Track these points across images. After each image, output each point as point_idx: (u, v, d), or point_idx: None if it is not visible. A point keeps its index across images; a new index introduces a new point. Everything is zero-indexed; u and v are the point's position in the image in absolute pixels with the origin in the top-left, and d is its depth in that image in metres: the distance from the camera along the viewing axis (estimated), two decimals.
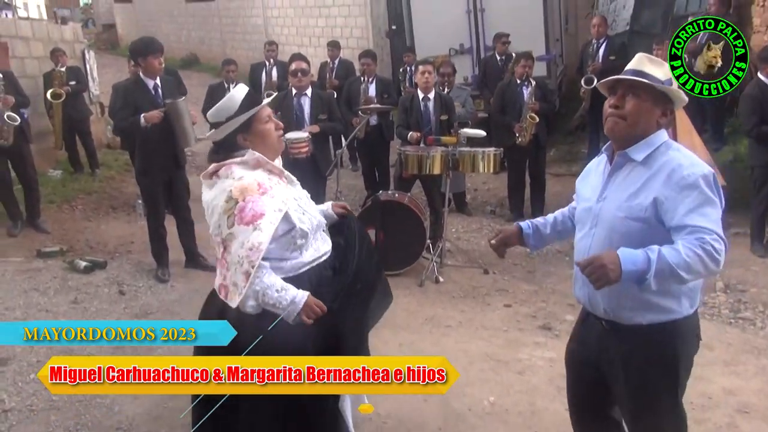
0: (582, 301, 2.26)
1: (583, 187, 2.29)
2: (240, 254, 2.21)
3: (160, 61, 4.95)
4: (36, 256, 5.70)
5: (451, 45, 8.82)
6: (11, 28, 8.11)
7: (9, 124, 5.76)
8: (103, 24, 27.30)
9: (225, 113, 2.41)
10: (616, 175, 2.12)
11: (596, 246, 2.10)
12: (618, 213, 2.05)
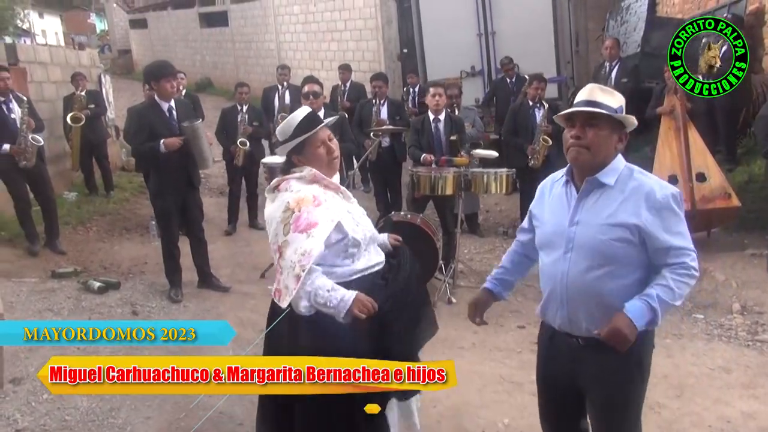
0: (555, 322, 2.30)
1: (542, 212, 2.36)
2: (293, 259, 2.35)
3: (173, 85, 5.02)
4: (51, 276, 5.74)
5: (462, 67, 8.90)
6: (30, 54, 8.27)
7: (33, 146, 5.86)
8: (118, 49, 27.82)
9: (283, 135, 2.57)
10: (586, 200, 2.20)
11: (575, 269, 2.18)
12: (600, 236, 2.14)
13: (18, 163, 5.89)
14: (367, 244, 2.55)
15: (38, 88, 8.04)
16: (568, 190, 2.26)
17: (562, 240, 2.22)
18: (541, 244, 2.34)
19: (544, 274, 2.31)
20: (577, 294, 2.20)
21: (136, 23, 25.23)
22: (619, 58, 7.92)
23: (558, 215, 2.26)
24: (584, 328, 2.21)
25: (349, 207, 2.58)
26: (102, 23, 37.82)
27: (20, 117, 5.90)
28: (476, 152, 5.64)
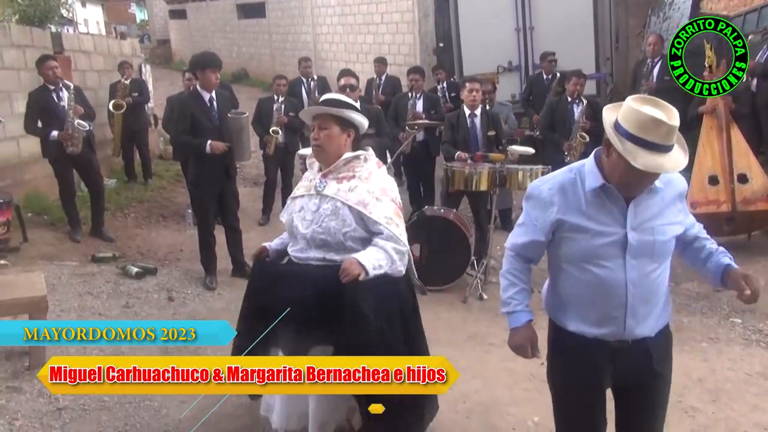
0: (611, 336, 2.19)
1: (579, 221, 2.14)
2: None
3: (217, 76, 5.11)
4: (90, 260, 5.90)
5: (499, 62, 8.82)
6: (74, 43, 8.47)
7: (79, 131, 6.00)
8: (158, 39, 28.23)
9: None
10: (638, 205, 2.13)
11: (638, 275, 2.13)
12: (659, 237, 2.13)
13: (65, 149, 6.04)
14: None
15: (81, 76, 8.24)
16: (609, 197, 2.13)
17: (617, 248, 2.12)
18: (587, 256, 2.15)
19: (600, 286, 2.15)
20: (642, 298, 2.15)
21: (175, 13, 25.57)
22: (662, 54, 7.76)
23: (609, 224, 2.12)
24: (647, 332, 2.20)
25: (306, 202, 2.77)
26: (142, 13, 38.44)
27: (68, 103, 6.04)
28: (512, 148, 5.60)
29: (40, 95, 6.03)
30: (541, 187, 2.24)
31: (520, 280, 2.31)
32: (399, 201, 2.77)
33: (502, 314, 2.37)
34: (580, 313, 2.22)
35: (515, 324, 2.29)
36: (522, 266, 2.32)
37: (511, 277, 2.32)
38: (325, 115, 2.74)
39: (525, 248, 2.30)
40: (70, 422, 3.37)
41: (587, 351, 2.24)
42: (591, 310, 2.20)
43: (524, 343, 2.28)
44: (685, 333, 4.62)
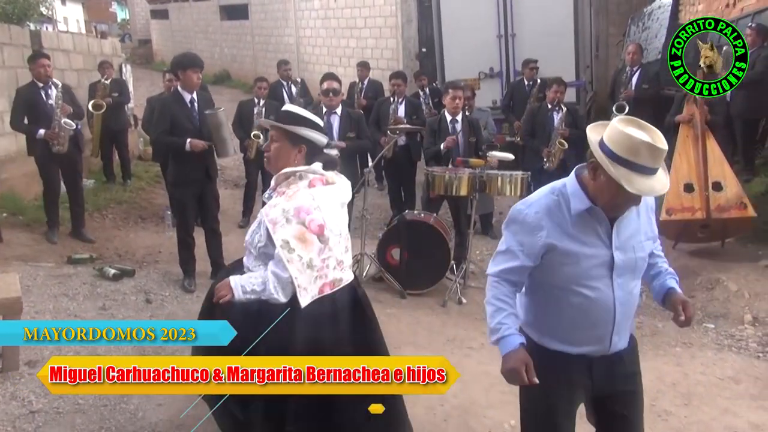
0: (598, 352, 2.22)
1: (570, 245, 2.12)
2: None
3: (198, 76, 5.09)
4: (66, 262, 5.82)
5: (480, 68, 8.89)
6: (54, 41, 8.38)
7: (66, 130, 5.93)
8: (139, 39, 28.02)
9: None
10: (618, 225, 2.15)
11: (623, 292, 2.17)
12: (639, 254, 2.18)
13: (52, 149, 5.96)
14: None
15: (60, 75, 8.11)
16: (593, 218, 2.12)
17: (605, 269, 2.14)
18: (578, 280, 2.14)
19: (590, 307, 2.14)
20: (626, 315, 2.21)
21: (157, 13, 25.40)
22: (641, 63, 7.89)
23: (592, 245, 2.13)
24: (625, 340, 2.26)
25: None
26: (123, 12, 38.10)
27: (55, 102, 5.97)
28: (492, 154, 5.65)
29: (28, 92, 5.98)
30: (526, 211, 2.18)
31: (507, 305, 2.19)
32: (318, 224, 2.53)
33: (491, 345, 2.21)
34: (565, 335, 2.20)
35: (508, 348, 2.13)
36: (508, 290, 2.22)
37: (497, 302, 2.20)
38: (276, 127, 2.69)
39: (511, 273, 2.21)
40: (43, 425, 3.32)
41: (566, 366, 2.23)
42: (577, 331, 2.20)
43: (518, 366, 2.08)
44: (660, 338, 4.69)
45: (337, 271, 2.65)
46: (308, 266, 2.52)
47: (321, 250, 2.55)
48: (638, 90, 7.57)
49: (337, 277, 2.66)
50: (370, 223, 6.37)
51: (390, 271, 5.41)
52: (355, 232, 5.90)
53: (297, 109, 2.80)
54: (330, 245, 2.58)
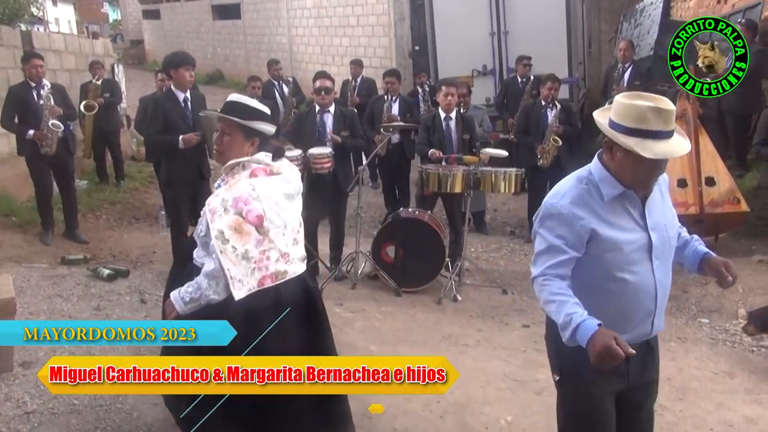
0: (640, 338, 2.17)
1: (610, 232, 2.07)
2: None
3: (191, 74, 5.07)
4: (60, 263, 5.80)
5: (474, 66, 8.88)
6: (45, 41, 8.34)
7: (53, 131, 5.90)
8: (131, 39, 27.90)
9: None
10: (647, 206, 2.15)
11: (662, 274, 2.15)
12: (671, 232, 2.18)
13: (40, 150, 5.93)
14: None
15: (52, 75, 8.08)
16: (627, 201, 2.11)
17: (643, 253, 2.12)
18: (622, 266, 2.09)
19: (633, 293, 2.11)
20: (666, 296, 2.21)
21: (149, 14, 25.28)
22: (633, 60, 7.91)
23: (631, 230, 2.11)
24: (661, 328, 2.26)
25: None
26: (115, 13, 37.92)
27: (45, 103, 5.94)
28: (486, 151, 5.66)
29: (20, 91, 5.97)
30: (559, 203, 2.11)
31: (567, 296, 2.05)
32: (256, 214, 2.49)
33: (571, 343, 2.00)
34: (610, 323, 2.02)
35: (588, 333, 1.94)
36: (561, 284, 2.08)
37: (556, 297, 2.05)
38: (226, 119, 2.64)
39: (559, 267, 2.09)
40: (38, 426, 3.31)
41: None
42: (621, 318, 2.12)
43: (609, 341, 1.88)
44: None
45: (281, 264, 2.59)
46: (243, 257, 2.47)
47: (259, 242, 2.50)
48: (630, 86, 7.58)
49: (281, 270, 2.59)
50: (365, 221, 6.38)
51: (385, 269, 5.41)
52: (350, 231, 5.92)
53: (247, 100, 2.73)
54: (270, 237, 2.53)
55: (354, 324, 4.72)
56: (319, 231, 5.77)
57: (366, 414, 3.49)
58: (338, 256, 5.70)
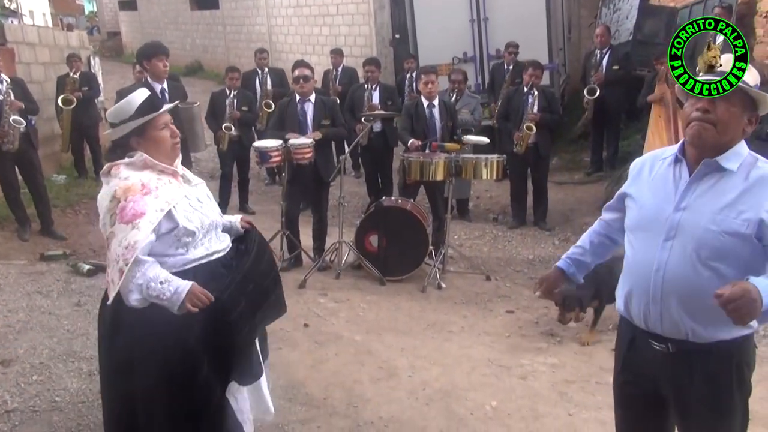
0: (641, 320, 2.03)
1: (640, 192, 2.07)
2: (117, 252, 2.23)
3: (165, 64, 4.98)
4: (39, 259, 5.72)
5: (454, 53, 8.85)
6: (18, 34, 8.16)
7: (15, 128, 5.79)
8: (108, 31, 27.48)
9: (121, 115, 2.43)
10: (698, 184, 1.94)
11: (676, 260, 1.92)
12: (710, 226, 1.88)
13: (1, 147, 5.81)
14: (206, 232, 2.44)
15: (26, 69, 7.95)
16: (676, 171, 1.99)
17: (662, 226, 1.95)
18: (633, 226, 2.07)
19: (632, 261, 2.05)
20: (675, 289, 1.93)
21: (125, 5, 24.87)
22: (610, 45, 7.93)
23: (660, 197, 1.99)
24: (682, 331, 1.95)
25: (189, 191, 2.46)
26: (91, 4, 37.28)
27: (4, 98, 5.80)
28: (467, 138, 5.65)
29: None
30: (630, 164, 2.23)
31: (583, 241, 2.40)
32: None
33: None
34: (626, 294, 2.11)
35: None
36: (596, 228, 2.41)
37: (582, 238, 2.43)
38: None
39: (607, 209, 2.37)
40: (19, 425, 3.26)
41: (635, 347, 2.17)
42: (630, 291, 2.11)
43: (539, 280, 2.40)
44: None
45: None
46: None
47: None
48: (609, 71, 7.63)
49: None
50: (348, 210, 6.36)
51: (369, 259, 5.40)
52: (333, 221, 5.90)
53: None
54: None
55: (339, 314, 4.71)
56: (301, 221, 5.74)
57: (352, 403, 3.50)
58: (321, 247, 5.68)
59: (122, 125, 2.41)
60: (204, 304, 2.27)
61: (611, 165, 7.89)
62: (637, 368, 2.11)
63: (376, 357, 4.05)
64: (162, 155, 2.44)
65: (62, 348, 4.07)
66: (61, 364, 3.87)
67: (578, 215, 6.99)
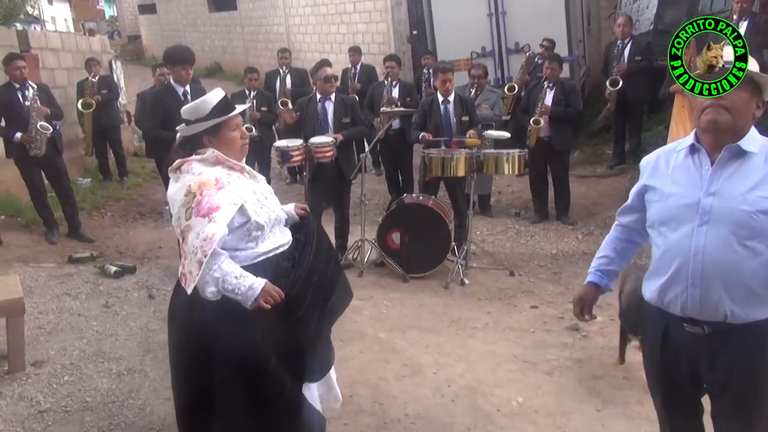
0: (678, 306, 2.08)
1: (662, 184, 2.13)
2: (195, 244, 2.29)
3: (188, 72, 5.03)
4: (67, 261, 5.82)
5: (472, 48, 8.81)
6: (42, 40, 8.31)
7: (42, 133, 5.90)
8: (128, 35, 27.79)
9: (197, 114, 2.50)
10: (724, 169, 2.02)
11: (713, 243, 1.99)
12: (743, 207, 1.96)
13: (29, 152, 5.93)
14: (272, 226, 2.51)
15: (50, 74, 8.09)
16: (696, 160, 2.08)
17: (694, 213, 2.02)
18: (663, 219, 2.11)
19: (669, 251, 2.09)
20: (714, 271, 1.99)
21: (145, 8, 25.15)
22: (632, 35, 7.83)
23: (687, 186, 2.06)
24: (721, 312, 2.01)
25: (255, 187, 2.52)
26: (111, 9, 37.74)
27: (31, 104, 5.92)
28: (488, 133, 5.62)
29: (4, 93, 5.94)
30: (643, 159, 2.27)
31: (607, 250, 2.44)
32: None
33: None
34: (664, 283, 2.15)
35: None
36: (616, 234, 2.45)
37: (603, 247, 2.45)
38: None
39: (622, 213, 2.41)
40: (52, 425, 3.33)
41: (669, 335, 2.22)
42: (670, 279, 2.15)
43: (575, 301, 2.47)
44: None
45: None
46: None
47: None
48: (631, 62, 7.53)
49: None
50: (369, 208, 6.36)
51: (391, 256, 5.40)
52: (355, 219, 5.91)
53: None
54: None
55: (362, 312, 4.72)
56: (323, 220, 5.77)
57: (377, 401, 3.51)
58: (344, 245, 5.69)
59: (197, 123, 2.51)
60: (276, 301, 2.34)
61: (634, 157, 7.78)
62: (674, 354, 2.16)
63: (401, 354, 4.06)
64: (231, 154, 2.51)
65: (92, 349, 4.14)
66: (91, 364, 3.94)
67: (601, 209, 6.92)
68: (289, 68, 8.69)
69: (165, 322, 4.53)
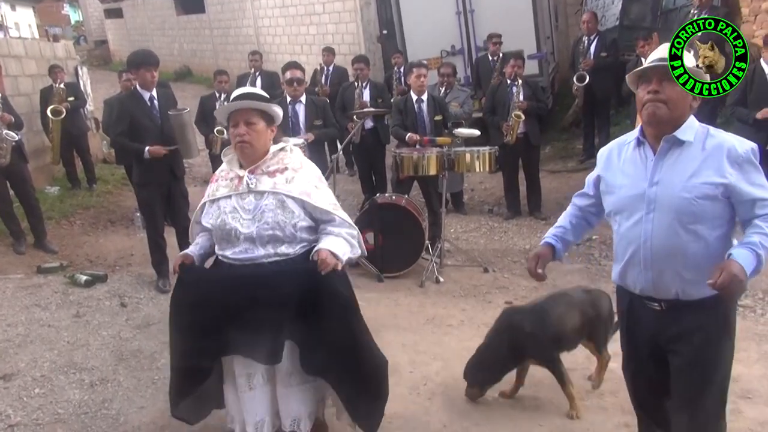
0: (636, 287, 2.29)
1: (613, 177, 2.32)
2: None
3: (153, 75, 4.97)
4: (36, 272, 5.71)
5: (442, 47, 8.85)
6: (4, 48, 8.13)
7: (7, 141, 5.77)
8: (94, 40, 27.38)
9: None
10: (664, 160, 2.18)
11: (660, 229, 2.16)
12: (684, 194, 2.13)
13: None
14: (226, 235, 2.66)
15: (13, 82, 7.92)
16: (641, 152, 2.25)
17: (641, 202, 2.20)
18: (616, 209, 2.31)
19: (623, 238, 2.28)
20: (663, 255, 2.17)
21: (111, 13, 24.77)
22: (598, 31, 7.94)
23: (634, 177, 2.24)
24: (672, 291, 2.20)
25: (242, 198, 2.67)
26: (76, 14, 37.11)
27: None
28: (458, 131, 5.65)
29: None
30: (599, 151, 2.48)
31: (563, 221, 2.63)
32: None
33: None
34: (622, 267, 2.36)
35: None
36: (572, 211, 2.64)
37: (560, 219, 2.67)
38: (250, 110, 2.67)
39: (578, 196, 2.62)
40: None
41: (632, 311, 2.44)
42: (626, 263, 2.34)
43: (530, 257, 2.62)
44: None
45: None
46: None
47: None
48: (597, 58, 7.63)
49: None
50: (343, 208, 6.34)
51: (366, 256, 5.40)
52: None
53: (255, 89, 2.90)
54: None
55: None
56: None
57: None
58: None
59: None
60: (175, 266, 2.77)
61: None
62: (637, 329, 2.38)
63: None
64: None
65: (63, 360, 4.08)
66: (63, 376, 3.88)
67: None
68: (260, 71, 8.63)
69: (138, 330, 4.50)
